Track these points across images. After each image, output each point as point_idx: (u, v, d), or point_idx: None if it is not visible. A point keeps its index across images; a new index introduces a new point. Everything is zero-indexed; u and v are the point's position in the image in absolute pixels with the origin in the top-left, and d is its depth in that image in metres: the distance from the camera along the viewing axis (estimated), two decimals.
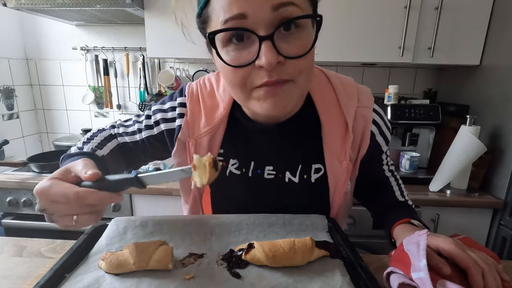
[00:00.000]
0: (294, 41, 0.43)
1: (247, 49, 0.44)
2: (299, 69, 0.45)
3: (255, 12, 0.40)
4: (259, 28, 0.41)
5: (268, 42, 0.41)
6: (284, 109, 0.48)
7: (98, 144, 0.62)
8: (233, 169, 0.62)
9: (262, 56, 0.42)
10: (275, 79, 0.44)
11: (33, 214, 1.44)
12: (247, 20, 0.41)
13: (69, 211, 0.42)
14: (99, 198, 0.41)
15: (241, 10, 0.41)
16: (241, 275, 0.45)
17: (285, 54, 0.43)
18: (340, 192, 0.60)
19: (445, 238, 0.47)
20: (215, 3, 0.43)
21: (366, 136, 0.59)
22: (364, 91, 0.61)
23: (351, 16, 1.37)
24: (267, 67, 0.42)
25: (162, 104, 0.65)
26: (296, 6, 0.42)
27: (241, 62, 0.44)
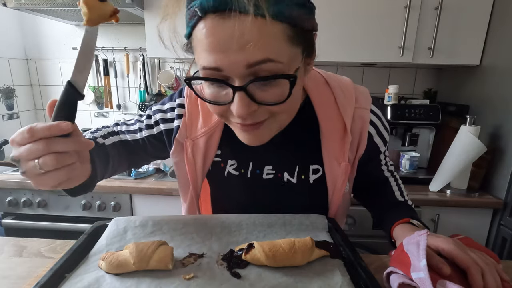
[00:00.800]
0: (271, 89, 0.42)
1: (225, 90, 0.44)
2: (275, 111, 0.45)
3: (230, 67, 0.40)
4: (234, 79, 0.41)
5: (241, 93, 0.41)
6: (261, 142, 0.49)
7: (101, 135, 0.63)
8: (232, 169, 0.62)
9: (234, 106, 0.42)
10: (248, 124, 0.45)
11: (33, 214, 1.44)
12: (222, 71, 0.41)
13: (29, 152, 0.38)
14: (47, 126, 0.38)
15: (217, 64, 0.40)
16: (241, 275, 0.45)
17: (260, 101, 0.42)
18: (338, 193, 0.60)
19: (445, 238, 0.47)
20: (196, 43, 0.43)
21: (364, 137, 0.59)
22: (362, 92, 0.61)
23: (351, 16, 1.37)
24: (238, 117, 0.43)
25: (162, 105, 0.65)
26: (273, 62, 0.40)
27: (218, 100, 0.45)
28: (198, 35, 0.41)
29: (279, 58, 0.40)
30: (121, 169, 0.66)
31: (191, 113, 0.62)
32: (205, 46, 0.40)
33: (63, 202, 1.42)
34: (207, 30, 0.39)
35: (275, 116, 0.46)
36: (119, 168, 0.65)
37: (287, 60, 0.41)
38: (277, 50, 0.40)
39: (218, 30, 0.39)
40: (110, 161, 0.60)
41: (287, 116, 0.49)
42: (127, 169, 0.70)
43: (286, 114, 0.48)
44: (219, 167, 0.63)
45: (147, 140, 0.65)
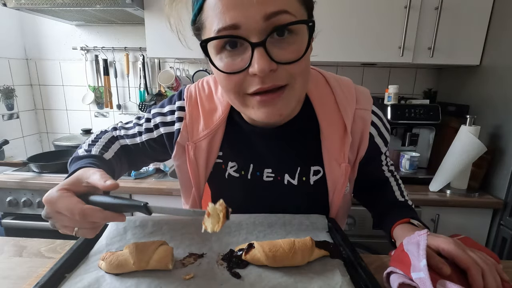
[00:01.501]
0: (288, 47, 0.43)
1: (240, 56, 0.44)
2: (293, 74, 0.45)
3: (248, 21, 0.40)
4: (251, 36, 0.41)
5: (260, 49, 0.41)
6: (280, 117, 0.48)
7: (103, 146, 0.63)
8: (232, 171, 0.62)
9: (254, 63, 0.42)
10: (268, 86, 0.44)
11: (33, 214, 1.44)
12: (239, 29, 0.41)
13: (72, 223, 0.43)
14: (103, 217, 0.42)
15: (234, 21, 0.40)
16: (241, 275, 0.45)
17: (278, 60, 0.42)
18: (339, 194, 0.60)
19: (445, 238, 0.47)
20: (209, 11, 0.43)
21: (365, 138, 0.59)
22: (363, 92, 0.61)
23: (351, 16, 1.37)
24: (259, 74, 0.42)
25: (162, 108, 0.65)
26: (289, 14, 0.41)
27: (234, 69, 0.44)
28: (212, 2, 0.42)
29: (294, 11, 0.42)
30: (122, 173, 0.67)
31: (192, 115, 0.61)
32: (220, 7, 0.41)
33: None
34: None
35: (292, 86, 0.46)
36: (121, 173, 0.65)
37: (300, 16, 0.43)
38: (290, 3, 0.42)
39: None
40: (116, 172, 0.60)
41: (303, 84, 0.48)
42: (126, 171, 0.70)
43: (302, 81, 0.47)
44: (220, 168, 0.63)
45: (147, 144, 0.65)
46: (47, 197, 0.43)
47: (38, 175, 1.46)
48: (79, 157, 0.58)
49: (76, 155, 0.60)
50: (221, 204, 0.43)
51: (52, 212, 0.43)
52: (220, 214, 0.43)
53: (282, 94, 0.46)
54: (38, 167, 1.46)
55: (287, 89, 0.46)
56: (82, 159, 0.56)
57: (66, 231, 0.44)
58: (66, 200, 0.42)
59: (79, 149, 0.63)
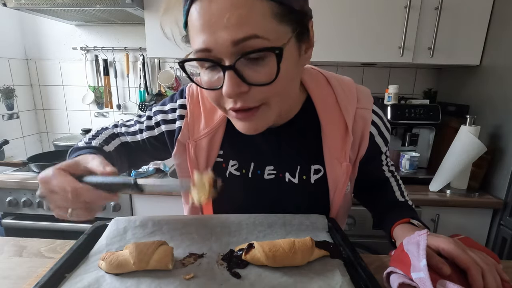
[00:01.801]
0: (260, 69, 0.42)
1: (217, 74, 0.44)
2: (266, 95, 0.44)
3: (217, 46, 0.40)
4: (224, 59, 0.41)
5: (230, 72, 0.41)
6: (256, 131, 0.49)
7: (104, 140, 0.63)
8: (233, 170, 0.62)
9: (224, 86, 0.42)
10: (239, 107, 0.45)
11: (33, 214, 1.44)
12: (211, 52, 0.41)
13: (65, 203, 0.42)
14: (96, 197, 0.42)
15: (206, 45, 0.41)
16: (241, 275, 0.45)
17: (250, 82, 0.42)
18: (339, 193, 0.60)
19: (445, 238, 0.47)
20: (191, 29, 0.44)
21: (365, 137, 0.59)
22: (364, 92, 0.61)
23: (351, 16, 1.37)
24: (227, 97, 0.43)
25: (163, 106, 0.65)
26: (259, 38, 0.40)
27: (212, 86, 0.45)
28: (191, 20, 0.43)
29: (266, 34, 0.40)
30: (122, 171, 0.66)
31: (193, 113, 0.61)
32: (197, 28, 0.41)
33: None
34: (198, 11, 0.41)
35: (268, 104, 0.46)
36: (121, 170, 0.65)
37: (274, 38, 0.41)
38: (263, 27, 0.40)
39: (206, 11, 0.40)
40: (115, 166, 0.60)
41: (280, 101, 0.47)
42: (127, 170, 0.69)
43: (279, 99, 0.47)
44: (221, 167, 0.63)
45: (148, 142, 0.65)
46: (42, 175, 0.43)
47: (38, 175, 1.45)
48: (78, 147, 0.59)
49: (75, 146, 0.60)
50: (208, 174, 0.43)
51: (46, 191, 0.43)
52: (206, 184, 0.42)
53: (257, 112, 0.46)
54: (38, 167, 1.46)
55: (262, 107, 0.46)
56: (81, 150, 0.56)
57: (59, 212, 0.43)
58: (60, 178, 0.42)
59: (79, 142, 0.63)
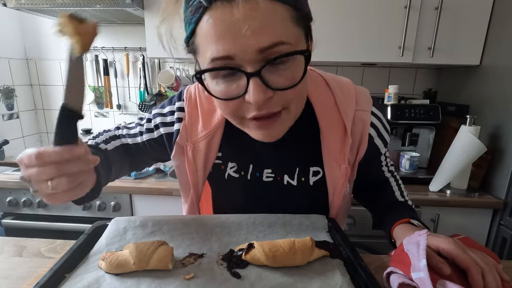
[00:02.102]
0: (283, 73, 0.42)
1: (236, 82, 0.43)
2: (289, 99, 0.44)
3: (242, 54, 0.39)
4: (246, 65, 0.40)
5: (255, 79, 0.41)
6: (275, 138, 0.48)
7: (103, 140, 0.63)
8: (232, 172, 0.62)
9: (250, 93, 0.41)
10: (263, 113, 0.44)
11: (33, 214, 1.44)
12: (234, 59, 0.40)
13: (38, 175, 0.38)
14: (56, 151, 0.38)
15: (228, 53, 0.39)
16: (241, 275, 0.45)
17: (275, 87, 0.42)
18: (338, 195, 0.60)
19: (445, 238, 0.47)
20: (201, 38, 0.42)
21: (364, 139, 0.59)
22: (363, 93, 0.61)
23: (351, 16, 1.37)
24: (255, 104, 0.42)
25: (162, 108, 0.65)
26: (284, 44, 0.40)
27: (230, 95, 0.43)
28: (204, 28, 0.41)
29: (289, 39, 0.40)
30: (123, 173, 0.67)
31: (191, 116, 0.62)
32: (214, 36, 0.40)
33: None
34: (215, 19, 0.39)
35: (288, 108, 0.46)
36: (122, 172, 0.65)
37: (295, 42, 0.42)
38: (285, 32, 0.40)
39: (227, 17, 0.38)
40: (113, 166, 0.60)
41: (298, 105, 0.48)
42: (128, 172, 0.70)
43: (297, 102, 0.47)
44: (220, 169, 0.63)
45: (148, 144, 0.66)
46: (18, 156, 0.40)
47: None
48: None
49: None
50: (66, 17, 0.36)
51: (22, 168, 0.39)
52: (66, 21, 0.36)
53: (279, 118, 0.46)
54: None
55: (283, 112, 0.46)
56: None
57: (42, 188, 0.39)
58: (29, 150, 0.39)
59: None
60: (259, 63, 0.40)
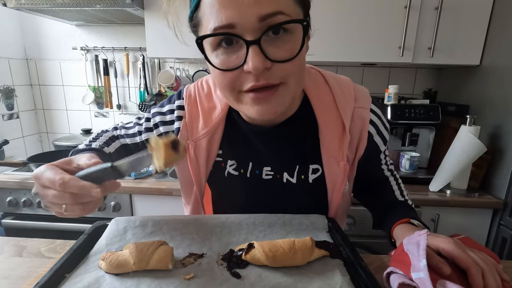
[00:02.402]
0: (282, 45, 0.43)
1: (235, 53, 0.44)
2: (287, 72, 0.45)
3: (243, 21, 0.41)
4: (246, 34, 0.42)
5: (255, 47, 0.42)
6: (274, 115, 0.48)
7: (104, 142, 0.64)
8: (231, 170, 0.62)
9: (249, 61, 0.42)
10: (261, 84, 0.44)
11: (33, 214, 1.44)
12: (235, 28, 0.41)
13: (57, 199, 0.42)
14: (80, 186, 0.41)
15: (230, 21, 0.41)
16: (241, 275, 0.45)
17: (273, 58, 0.43)
18: (338, 193, 0.60)
19: (445, 238, 0.47)
20: (205, 9, 0.43)
21: (364, 137, 0.59)
22: (362, 91, 0.61)
23: (351, 16, 1.37)
24: (253, 72, 0.43)
25: (161, 107, 0.65)
26: (284, 14, 0.42)
27: (229, 66, 0.44)
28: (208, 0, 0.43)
29: (289, 12, 0.42)
30: None
31: (191, 114, 0.62)
32: (216, 6, 0.41)
33: None
34: None
35: (287, 84, 0.46)
36: None
37: (295, 16, 0.43)
38: (286, 4, 0.42)
39: None
40: None
41: (296, 82, 0.48)
42: None
43: (296, 79, 0.47)
44: (220, 166, 0.63)
45: (147, 143, 0.65)
46: (34, 172, 0.43)
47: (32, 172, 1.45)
48: (78, 150, 0.60)
49: (76, 149, 0.61)
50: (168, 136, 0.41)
51: (39, 187, 0.43)
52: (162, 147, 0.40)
53: (276, 91, 0.46)
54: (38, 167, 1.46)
55: (281, 87, 0.46)
56: (82, 152, 0.57)
57: (55, 208, 0.43)
58: (50, 172, 0.42)
59: (79, 145, 0.64)
60: (258, 32, 0.42)
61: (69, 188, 0.41)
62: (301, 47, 0.44)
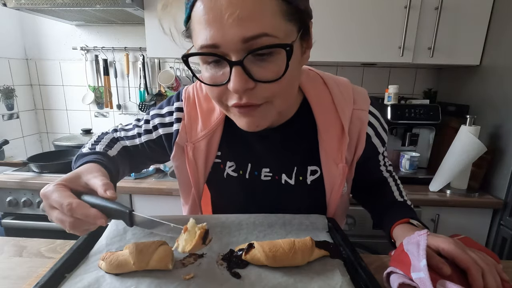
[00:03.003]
0: (267, 65, 0.42)
1: (222, 70, 0.44)
2: (272, 93, 0.45)
3: (226, 42, 0.40)
4: (230, 54, 0.41)
5: (238, 68, 0.41)
6: (257, 128, 0.48)
7: (106, 145, 0.63)
8: (230, 171, 0.62)
9: (230, 82, 0.42)
10: (244, 103, 0.44)
11: (33, 214, 1.44)
12: (219, 48, 0.41)
13: (60, 221, 0.43)
14: (87, 214, 0.42)
15: (214, 41, 0.41)
16: (241, 275, 0.45)
17: (257, 78, 0.42)
18: (336, 194, 0.60)
19: (445, 238, 0.47)
20: (195, 23, 0.43)
21: (362, 138, 0.59)
22: (360, 93, 0.61)
23: (351, 16, 1.37)
24: (234, 93, 0.43)
25: (160, 109, 0.65)
26: (268, 36, 0.40)
27: (216, 82, 0.45)
28: (196, 15, 0.42)
29: (275, 32, 0.41)
30: (125, 174, 0.67)
31: (190, 116, 0.62)
32: (203, 23, 0.41)
33: None
34: (204, 7, 0.40)
35: (271, 102, 0.46)
36: (124, 173, 0.66)
37: (283, 36, 0.42)
38: (273, 25, 0.40)
39: (214, 6, 0.39)
40: (120, 171, 0.60)
41: (283, 100, 0.48)
42: (129, 173, 0.70)
43: (282, 98, 0.47)
44: (219, 168, 0.63)
45: (146, 145, 0.65)
46: (43, 191, 0.44)
47: (38, 175, 1.46)
48: (83, 154, 0.59)
49: (80, 153, 0.60)
50: (203, 226, 0.43)
51: (46, 206, 0.44)
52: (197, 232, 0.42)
53: (259, 107, 0.46)
54: (38, 167, 1.46)
55: (265, 105, 0.46)
56: (87, 156, 0.57)
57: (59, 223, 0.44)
58: (58, 194, 0.43)
59: (82, 148, 0.63)
60: (242, 53, 0.41)
61: (76, 214, 0.42)
62: (285, 71, 0.42)
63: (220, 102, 0.48)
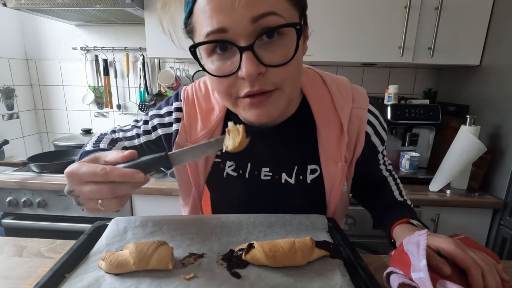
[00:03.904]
0: (276, 49, 0.43)
1: (230, 59, 0.44)
2: (283, 78, 0.45)
3: (235, 25, 0.40)
4: (239, 39, 0.41)
5: (248, 53, 0.41)
6: (269, 118, 0.48)
7: (108, 144, 0.64)
8: (230, 171, 0.62)
9: (242, 67, 0.42)
10: (256, 90, 0.44)
11: (33, 214, 1.44)
12: (227, 33, 0.41)
13: (95, 193, 0.41)
14: (123, 173, 0.41)
15: (221, 25, 0.40)
16: (241, 275, 0.45)
17: (267, 63, 0.42)
18: (336, 193, 0.60)
19: (445, 238, 0.47)
20: (198, 15, 0.43)
21: (361, 137, 0.59)
22: (359, 92, 0.61)
23: (351, 16, 1.37)
24: (247, 78, 0.42)
25: (159, 109, 0.65)
26: (277, 15, 0.41)
27: (224, 72, 0.44)
28: (200, 5, 0.42)
29: (282, 13, 0.42)
30: None
31: (190, 116, 0.62)
32: (208, 11, 0.41)
33: (63, 202, 1.42)
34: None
35: (282, 89, 0.46)
36: None
37: (289, 17, 0.43)
38: (279, 5, 0.41)
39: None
40: None
41: (292, 87, 0.48)
42: None
43: (291, 84, 0.47)
44: (219, 168, 0.63)
45: (145, 146, 0.66)
46: (69, 169, 0.42)
47: (38, 175, 1.46)
48: (87, 151, 0.59)
49: (83, 150, 0.61)
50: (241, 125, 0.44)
51: (75, 183, 0.42)
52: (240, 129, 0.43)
53: (270, 97, 0.46)
54: (38, 167, 1.46)
55: (276, 92, 0.46)
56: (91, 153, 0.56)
57: (91, 204, 0.43)
58: (87, 166, 0.42)
59: (85, 147, 0.63)
60: (252, 36, 0.41)
61: (112, 177, 0.41)
62: (295, 51, 0.43)
63: (229, 95, 0.47)
